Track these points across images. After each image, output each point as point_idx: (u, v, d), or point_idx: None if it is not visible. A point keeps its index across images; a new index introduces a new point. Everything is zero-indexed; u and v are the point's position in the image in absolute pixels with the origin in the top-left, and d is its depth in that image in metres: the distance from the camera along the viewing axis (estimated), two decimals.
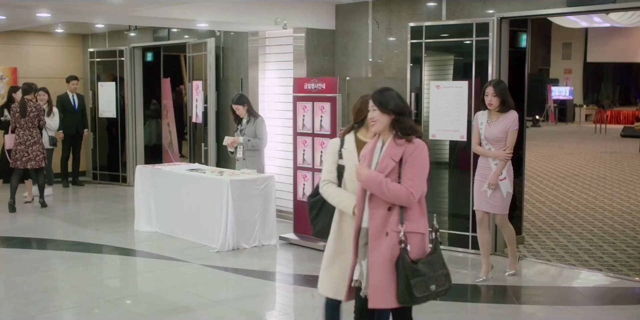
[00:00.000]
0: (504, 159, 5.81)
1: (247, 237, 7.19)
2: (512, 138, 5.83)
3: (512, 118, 5.82)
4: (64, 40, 12.40)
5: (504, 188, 5.88)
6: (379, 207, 3.54)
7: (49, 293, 5.76)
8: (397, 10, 7.71)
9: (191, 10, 7.15)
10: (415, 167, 3.48)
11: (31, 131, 9.13)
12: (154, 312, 5.25)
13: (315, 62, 8.23)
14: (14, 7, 6.55)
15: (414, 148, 3.49)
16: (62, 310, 5.27)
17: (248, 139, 7.42)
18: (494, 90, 5.81)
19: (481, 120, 5.94)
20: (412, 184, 3.45)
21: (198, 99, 9.88)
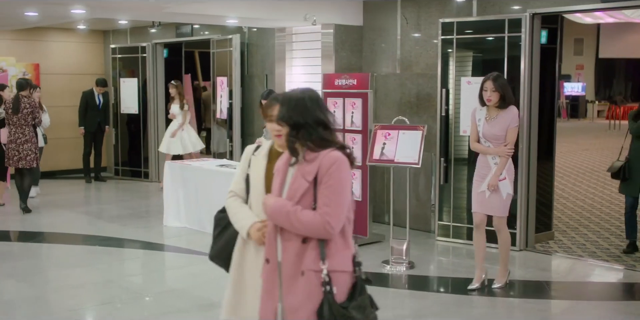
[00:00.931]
0: (505, 155, 5.43)
1: None
2: (512, 135, 5.46)
3: (512, 114, 5.45)
4: (85, 36, 12.44)
5: (504, 189, 5.49)
6: (291, 239, 2.87)
7: (86, 288, 5.81)
8: (427, 6, 7.72)
9: (222, 7, 7.18)
10: (332, 188, 2.79)
11: (23, 129, 8.65)
12: (194, 306, 5.28)
13: (342, 58, 8.25)
14: (49, 4, 6.59)
15: (330, 163, 2.80)
16: (100, 305, 5.31)
17: None
18: (493, 84, 5.41)
19: (479, 116, 5.57)
20: (328, 210, 2.78)
21: (222, 95, 9.91)
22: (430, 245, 7.25)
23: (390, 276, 6.17)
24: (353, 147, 7.21)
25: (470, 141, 5.71)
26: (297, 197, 2.83)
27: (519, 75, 6.79)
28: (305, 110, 2.87)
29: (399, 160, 6.39)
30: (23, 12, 7.32)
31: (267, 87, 9.45)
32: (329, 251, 2.84)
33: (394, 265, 6.34)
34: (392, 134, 6.46)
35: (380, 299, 5.51)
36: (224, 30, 10.10)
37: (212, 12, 7.17)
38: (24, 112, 8.63)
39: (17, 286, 5.87)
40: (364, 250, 6.93)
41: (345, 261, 2.88)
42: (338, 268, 2.85)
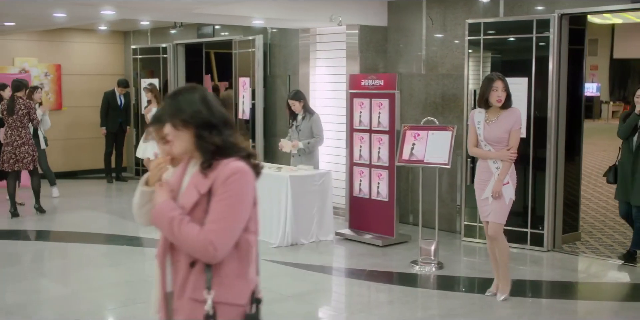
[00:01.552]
0: (508, 159, 5.12)
1: (305, 232, 7.25)
2: (515, 137, 5.18)
3: (515, 115, 5.18)
4: (106, 37, 12.52)
5: (507, 194, 5.19)
6: (180, 260, 2.43)
7: (122, 286, 5.86)
8: (453, 7, 7.73)
9: (250, 8, 7.21)
10: (225, 202, 2.35)
11: (19, 131, 8.38)
12: None
13: (367, 59, 8.27)
14: (79, 4, 6.63)
15: (228, 174, 2.36)
16: (137, 304, 5.34)
17: (307, 142, 7.46)
18: (503, 84, 5.15)
19: (478, 119, 5.25)
20: (215, 228, 2.32)
21: (245, 95, 9.94)
22: (457, 246, 7.26)
23: (420, 276, 6.18)
24: (380, 148, 7.24)
25: (468, 146, 5.42)
26: (187, 209, 2.40)
27: (547, 76, 6.79)
28: (213, 110, 2.43)
29: (428, 160, 6.40)
30: (51, 13, 7.38)
31: (289, 87, 9.49)
32: (218, 278, 2.37)
33: (422, 265, 6.35)
34: (422, 135, 6.47)
35: (411, 299, 5.55)
36: (246, 31, 10.13)
37: (240, 13, 7.21)
38: (19, 114, 8.37)
39: (52, 285, 5.93)
40: (391, 251, 6.98)
41: (237, 292, 2.41)
42: (227, 300, 2.38)
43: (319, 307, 5.55)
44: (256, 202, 2.53)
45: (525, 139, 6.92)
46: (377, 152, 7.27)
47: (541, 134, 6.87)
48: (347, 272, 6.39)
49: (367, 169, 7.40)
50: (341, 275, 6.33)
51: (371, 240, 7.25)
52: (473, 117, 5.29)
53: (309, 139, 7.53)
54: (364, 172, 7.43)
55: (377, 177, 7.30)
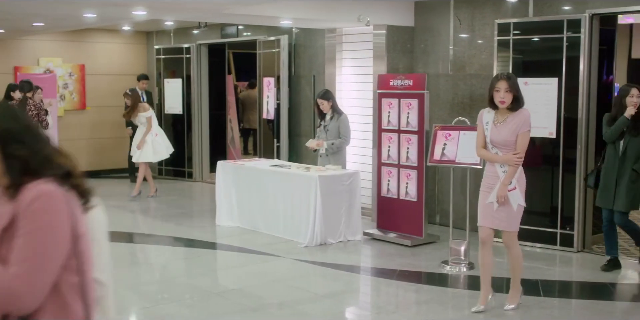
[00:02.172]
0: (514, 164, 4.87)
1: (333, 232, 7.26)
2: (523, 141, 4.91)
3: (524, 117, 4.93)
4: (129, 37, 12.59)
5: (514, 200, 4.94)
6: None
7: (156, 285, 5.90)
8: (481, 7, 7.72)
9: (279, 8, 7.24)
10: (27, 237, 1.85)
11: None
12: (264, 305, 5.34)
13: (394, 59, 8.28)
14: (111, 5, 6.68)
15: (28, 202, 1.87)
16: (173, 302, 5.38)
17: (332, 142, 7.48)
18: (507, 84, 4.88)
19: (486, 119, 5.01)
20: (17, 271, 1.83)
21: (269, 95, 9.98)
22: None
23: (451, 276, 6.19)
24: (409, 148, 7.24)
25: (476, 147, 5.17)
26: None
27: (577, 76, 6.78)
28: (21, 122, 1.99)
29: (460, 161, 6.41)
30: (82, 14, 7.43)
31: (314, 87, 9.52)
32: None
33: (453, 265, 6.36)
34: (453, 135, 6.48)
35: (444, 299, 5.55)
36: (270, 31, 10.17)
37: (269, 13, 7.24)
38: (29, 115, 8.17)
39: None
40: (420, 251, 6.99)
41: None
42: None
43: (353, 307, 5.57)
44: (81, 232, 1.98)
45: (555, 139, 6.92)
46: (406, 152, 7.28)
47: (571, 135, 6.86)
48: (378, 272, 6.40)
49: (396, 169, 7.41)
50: (372, 275, 6.34)
51: (399, 240, 7.26)
52: (482, 117, 5.06)
53: (336, 139, 7.56)
54: (393, 172, 7.44)
55: (406, 177, 7.30)
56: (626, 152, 6.02)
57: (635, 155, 5.99)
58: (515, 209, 4.94)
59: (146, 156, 9.85)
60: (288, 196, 7.41)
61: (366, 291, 6.00)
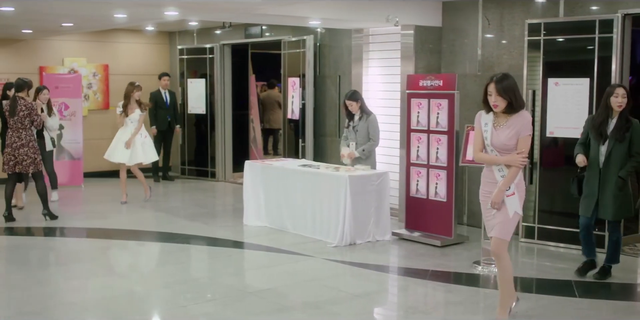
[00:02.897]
0: (518, 165, 4.57)
1: (362, 232, 7.27)
2: (524, 144, 4.62)
3: (524, 121, 4.61)
4: (152, 37, 12.65)
5: (511, 206, 4.63)
6: None
7: (190, 284, 5.92)
8: (510, 7, 7.71)
9: (309, 8, 7.25)
10: None
11: (20, 133, 8.06)
12: (301, 304, 5.35)
13: (422, 60, 8.27)
14: (143, 5, 6.72)
15: None
16: (209, 301, 5.40)
17: (362, 149, 7.51)
18: (496, 87, 4.57)
19: (485, 121, 4.73)
20: None
21: (294, 95, 10.00)
22: (515, 247, 7.24)
23: (483, 277, 6.18)
24: (438, 148, 7.24)
25: (473, 150, 4.88)
26: None
27: (610, 77, 6.75)
28: None
29: None
30: (112, 14, 7.48)
31: (339, 88, 9.53)
32: None
33: (485, 266, 6.35)
34: None
35: (480, 300, 5.54)
36: (294, 31, 10.19)
37: (299, 14, 7.25)
38: (20, 115, 8.04)
39: (124, 282, 6.02)
40: (450, 251, 6.99)
41: None
42: None
43: (388, 307, 5.58)
44: None
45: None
46: (436, 152, 7.28)
47: None
48: (410, 272, 6.39)
49: (425, 170, 7.40)
50: (405, 275, 6.33)
51: (429, 240, 7.26)
52: (479, 119, 4.78)
53: (366, 139, 7.57)
54: (422, 172, 7.43)
55: (435, 177, 7.30)
56: (610, 158, 5.76)
57: (620, 161, 5.73)
58: (510, 216, 4.63)
59: (136, 157, 9.48)
60: (317, 196, 7.42)
61: (400, 291, 6.00)
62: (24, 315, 5.11)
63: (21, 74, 11.23)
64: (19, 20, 8.15)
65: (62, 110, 10.94)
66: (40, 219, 8.42)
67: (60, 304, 5.40)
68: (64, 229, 8.27)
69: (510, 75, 4.69)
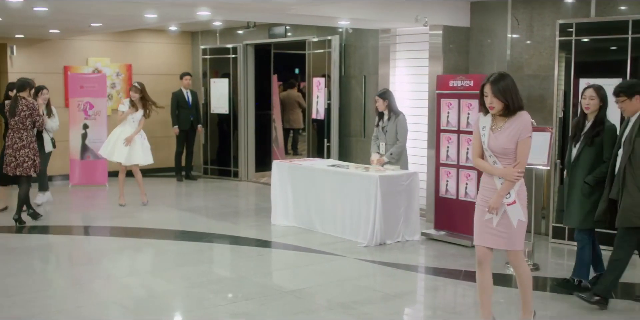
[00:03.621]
0: (513, 179, 4.34)
1: (392, 232, 7.28)
2: (524, 149, 4.36)
3: (524, 122, 4.35)
4: (175, 37, 12.70)
5: (514, 215, 4.39)
6: None
7: (225, 283, 5.95)
8: (540, 7, 7.69)
9: (340, 8, 7.27)
10: None
11: (21, 133, 7.88)
12: (337, 304, 5.36)
13: (450, 60, 8.27)
14: (175, 5, 6.75)
15: None
16: (246, 301, 5.41)
17: (390, 153, 7.52)
18: (491, 88, 4.33)
19: (483, 124, 4.47)
20: None
21: (319, 95, 10.01)
22: (546, 248, 7.22)
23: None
24: (469, 149, 7.23)
25: (472, 156, 4.65)
26: None
27: None
28: None
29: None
30: (143, 14, 7.51)
31: (365, 88, 9.55)
32: None
33: None
34: None
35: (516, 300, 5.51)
36: (319, 31, 10.21)
37: (329, 14, 7.27)
38: (21, 115, 7.87)
39: (156, 282, 6.05)
40: None
41: None
42: None
43: (425, 307, 5.58)
44: None
45: None
46: (466, 152, 7.27)
47: None
48: (443, 273, 6.39)
49: (455, 170, 7.40)
50: (439, 275, 6.33)
51: (459, 240, 7.26)
52: (478, 121, 4.53)
53: (394, 139, 7.58)
54: (452, 172, 7.43)
55: (466, 177, 7.30)
56: (578, 161, 5.55)
57: (588, 166, 5.48)
58: (515, 225, 4.41)
59: (134, 158, 9.19)
60: (346, 196, 7.43)
61: (436, 292, 5.99)
62: (61, 313, 5.14)
63: (46, 73, 11.37)
64: (50, 20, 8.22)
65: (87, 109, 11.01)
66: (66, 218, 8.48)
67: (97, 302, 5.44)
68: (92, 228, 8.32)
69: (507, 74, 4.44)
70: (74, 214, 9.34)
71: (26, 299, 5.48)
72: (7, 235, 7.73)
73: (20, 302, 5.36)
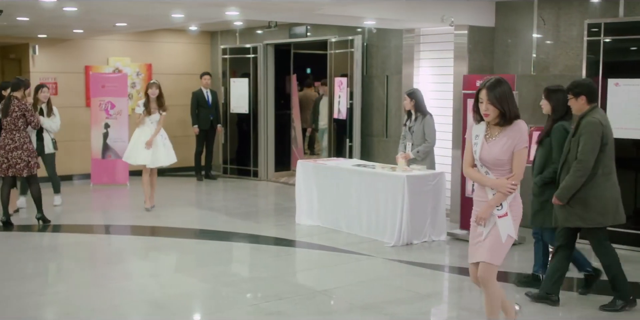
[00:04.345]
0: (505, 192, 3.99)
1: (418, 232, 7.28)
2: (520, 160, 4.00)
3: (520, 132, 4.00)
4: (194, 37, 12.73)
5: (504, 228, 4.04)
6: None
7: (256, 283, 5.96)
8: (567, 7, 7.67)
9: (366, 8, 7.28)
10: None
11: (13, 134, 7.68)
12: (371, 304, 5.36)
13: (475, 60, 8.26)
14: (204, 5, 6.76)
15: None
16: (280, 300, 5.42)
17: (417, 151, 7.51)
18: (487, 94, 4.01)
19: (476, 132, 4.13)
20: None
21: (341, 95, 10.02)
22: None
23: None
24: None
25: (463, 165, 4.28)
26: None
27: None
28: None
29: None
30: (170, 14, 7.53)
31: (387, 88, 9.55)
32: None
33: None
34: None
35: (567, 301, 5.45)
36: (340, 31, 10.21)
37: (356, 14, 7.28)
38: (13, 116, 7.67)
39: (188, 280, 6.07)
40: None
41: None
42: None
43: (460, 307, 5.56)
44: None
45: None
46: None
47: None
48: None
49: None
50: (467, 275, 6.32)
51: None
52: (471, 130, 4.19)
53: (421, 139, 7.57)
54: None
55: None
56: (534, 161, 5.57)
57: (538, 166, 5.50)
58: (503, 240, 4.05)
59: (159, 159, 8.85)
60: (373, 196, 7.43)
61: (470, 292, 5.98)
62: (97, 311, 5.17)
63: (68, 73, 11.43)
64: (77, 20, 8.24)
65: (109, 109, 11.06)
66: (90, 217, 8.51)
67: (131, 301, 5.46)
68: (117, 227, 8.35)
69: (504, 80, 4.11)
70: (98, 213, 9.38)
71: (60, 297, 5.52)
72: (32, 234, 7.78)
73: (55, 300, 5.40)
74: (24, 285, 5.76)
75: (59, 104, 11.32)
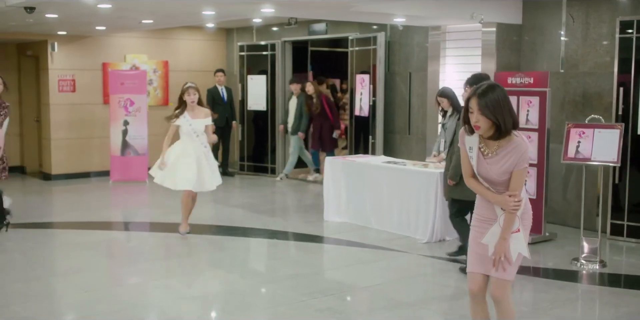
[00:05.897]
0: (510, 210, 3.58)
1: (451, 228, 7.27)
2: (518, 180, 3.58)
3: (521, 152, 3.52)
4: (210, 34, 12.71)
5: (515, 247, 3.65)
6: None
7: (297, 279, 5.96)
8: (596, 4, 7.70)
9: (397, 6, 7.29)
10: None
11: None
12: (418, 300, 5.38)
13: (502, 57, 8.28)
14: (237, 3, 6.76)
15: None
16: (326, 297, 5.42)
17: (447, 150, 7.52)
18: (478, 103, 3.46)
19: (469, 144, 3.65)
20: None
21: (363, 92, 10.03)
22: (603, 244, 7.23)
23: (588, 274, 6.19)
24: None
25: (464, 175, 3.79)
26: None
27: None
28: None
29: (596, 158, 6.40)
30: (200, 11, 7.52)
31: (410, 85, 9.57)
32: None
33: (586, 263, 6.36)
34: (587, 133, 6.47)
35: (595, 297, 5.53)
36: (362, 28, 10.22)
37: (387, 11, 7.29)
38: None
39: (230, 277, 6.08)
40: (541, 248, 7.00)
41: None
42: None
43: None
44: None
45: None
46: None
47: None
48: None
49: None
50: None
51: None
52: (463, 139, 3.70)
53: (452, 135, 7.57)
54: None
55: None
56: None
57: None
58: (514, 258, 3.69)
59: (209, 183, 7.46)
60: (405, 192, 7.45)
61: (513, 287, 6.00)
62: (144, 308, 5.17)
63: (85, 70, 11.40)
64: (105, 17, 8.21)
65: (128, 106, 11.04)
66: (116, 214, 8.48)
67: (176, 298, 5.46)
68: (143, 224, 8.35)
69: (498, 86, 3.56)
70: (118, 210, 9.37)
71: (104, 294, 5.52)
72: (63, 231, 7.77)
73: (99, 298, 5.39)
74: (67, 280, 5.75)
75: (77, 101, 11.37)
